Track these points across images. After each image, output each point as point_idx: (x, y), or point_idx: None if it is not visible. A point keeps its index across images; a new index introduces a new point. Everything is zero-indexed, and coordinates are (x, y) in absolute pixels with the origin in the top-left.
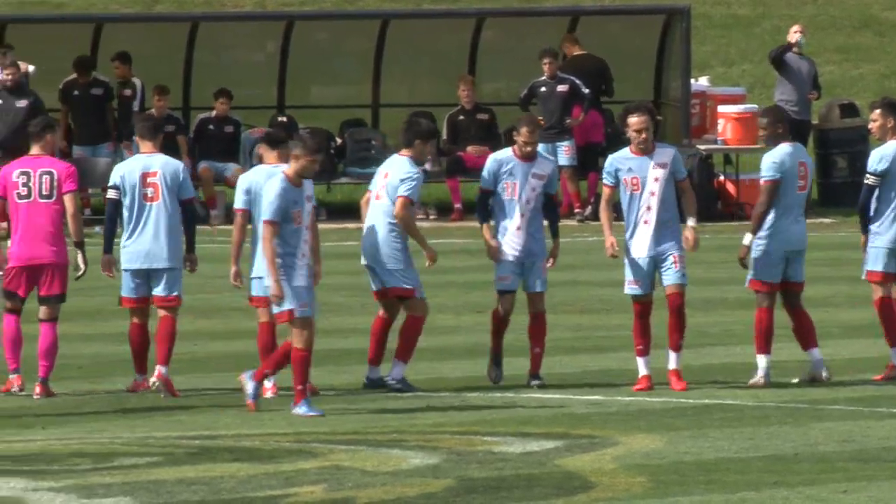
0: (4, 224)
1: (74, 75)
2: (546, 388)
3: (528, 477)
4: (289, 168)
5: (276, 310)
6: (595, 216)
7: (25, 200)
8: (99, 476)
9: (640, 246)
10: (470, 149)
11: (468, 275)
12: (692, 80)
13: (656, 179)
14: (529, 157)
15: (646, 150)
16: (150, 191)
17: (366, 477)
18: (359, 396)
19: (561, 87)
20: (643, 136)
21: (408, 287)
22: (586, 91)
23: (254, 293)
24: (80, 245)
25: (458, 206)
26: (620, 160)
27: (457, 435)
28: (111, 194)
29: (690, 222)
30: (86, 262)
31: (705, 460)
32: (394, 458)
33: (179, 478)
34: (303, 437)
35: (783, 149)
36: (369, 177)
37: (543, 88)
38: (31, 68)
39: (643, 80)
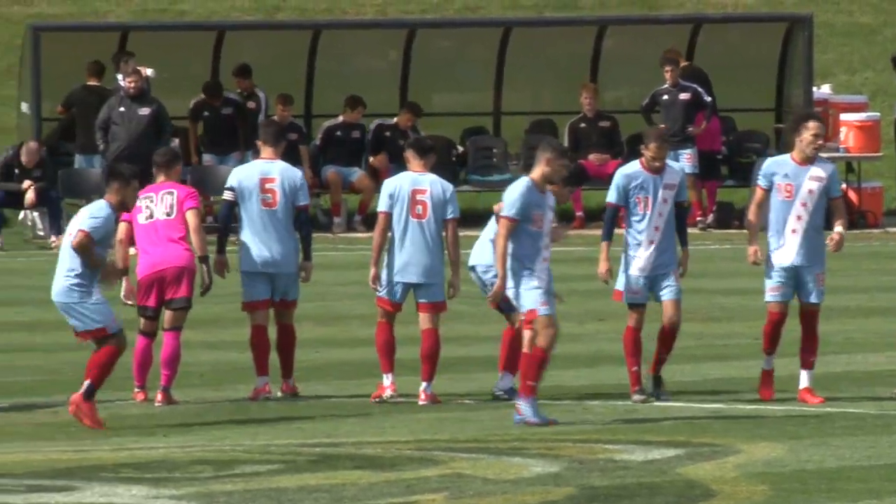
0: (133, 250)
1: (203, 97)
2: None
3: (649, 485)
4: (535, 172)
5: (519, 311)
6: (717, 224)
7: (148, 220)
8: (220, 484)
9: (787, 254)
10: (592, 157)
11: (590, 283)
12: (814, 89)
13: (811, 191)
14: (658, 170)
15: (809, 160)
16: (268, 196)
17: (487, 485)
18: (480, 404)
19: (683, 95)
20: (820, 141)
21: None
22: (708, 99)
23: (382, 295)
24: (204, 259)
25: (579, 213)
26: (779, 164)
27: (578, 443)
28: (227, 196)
29: (839, 228)
30: (210, 276)
31: (827, 468)
32: (515, 466)
33: (300, 485)
34: (424, 445)
35: None
36: (490, 184)
37: (666, 96)
38: (149, 71)
39: (765, 87)
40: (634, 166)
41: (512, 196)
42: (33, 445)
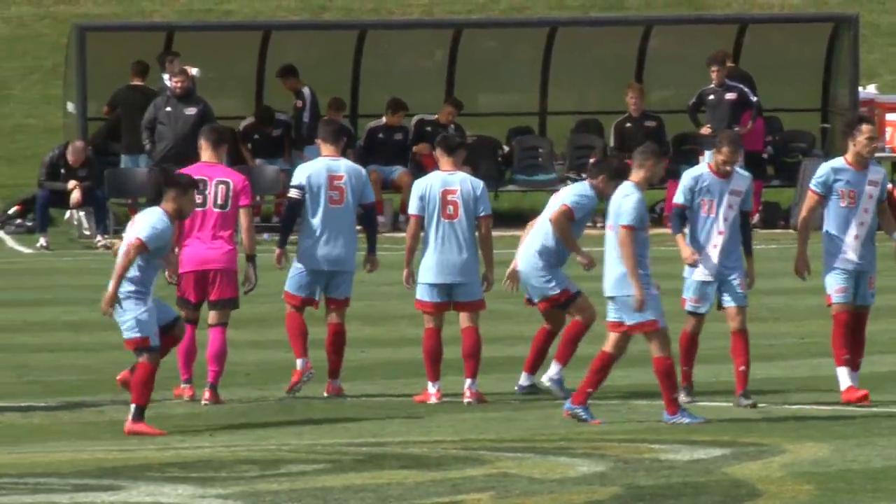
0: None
1: (254, 121)
2: (712, 396)
3: (695, 485)
4: (637, 177)
5: (634, 319)
6: (764, 224)
7: (200, 209)
8: (266, 483)
9: (850, 258)
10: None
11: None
12: (860, 89)
13: (870, 196)
14: (726, 175)
15: (865, 163)
16: (335, 194)
17: (533, 484)
18: (525, 404)
19: (729, 95)
20: (875, 144)
21: (554, 294)
22: (755, 99)
23: (420, 298)
24: (251, 259)
25: None
26: (837, 171)
27: (624, 442)
28: (294, 194)
29: None
30: (256, 276)
31: (873, 468)
32: (561, 465)
33: (346, 485)
34: (470, 445)
35: None
36: (536, 184)
37: (712, 96)
38: (194, 71)
39: (811, 87)
40: (702, 168)
41: (631, 205)
42: (79, 445)
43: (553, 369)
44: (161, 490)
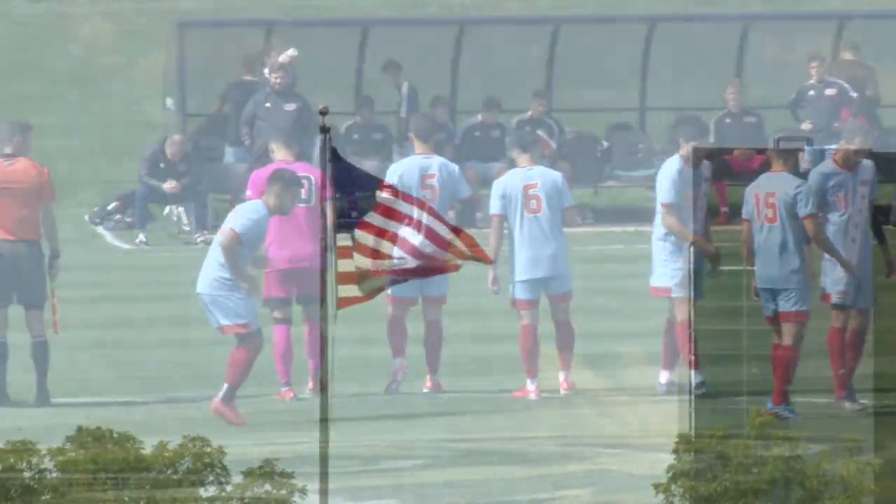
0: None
1: (358, 119)
2: (813, 393)
3: (790, 480)
4: (783, 166)
5: (788, 308)
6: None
7: None
8: (367, 478)
9: None
10: (736, 152)
11: (735, 278)
12: None
13: None
14: (854, 167)
15: None
16: (427, 193)
17: (632, 480)
18: (622, 400)
19: (829, 91)
20: None
21: (668, 285)
22: (854, 95)
23: (513, 296)
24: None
25: (724, 209)
26: None
27: (719, 438)
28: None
29: None
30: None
31: None
32: (659, 461)
33: (446, 480)
34: (569, 441)
35: None
36: (635, 180)
37: (812, 92)
38: (291, 51)
39: None
40: (829, 166)
41: (809, 194)
42: (179, 440)
43: (664, 376)
44: (260, 485)
